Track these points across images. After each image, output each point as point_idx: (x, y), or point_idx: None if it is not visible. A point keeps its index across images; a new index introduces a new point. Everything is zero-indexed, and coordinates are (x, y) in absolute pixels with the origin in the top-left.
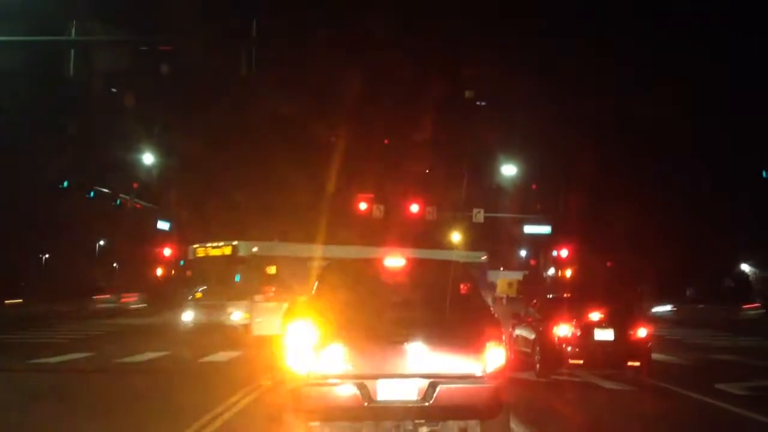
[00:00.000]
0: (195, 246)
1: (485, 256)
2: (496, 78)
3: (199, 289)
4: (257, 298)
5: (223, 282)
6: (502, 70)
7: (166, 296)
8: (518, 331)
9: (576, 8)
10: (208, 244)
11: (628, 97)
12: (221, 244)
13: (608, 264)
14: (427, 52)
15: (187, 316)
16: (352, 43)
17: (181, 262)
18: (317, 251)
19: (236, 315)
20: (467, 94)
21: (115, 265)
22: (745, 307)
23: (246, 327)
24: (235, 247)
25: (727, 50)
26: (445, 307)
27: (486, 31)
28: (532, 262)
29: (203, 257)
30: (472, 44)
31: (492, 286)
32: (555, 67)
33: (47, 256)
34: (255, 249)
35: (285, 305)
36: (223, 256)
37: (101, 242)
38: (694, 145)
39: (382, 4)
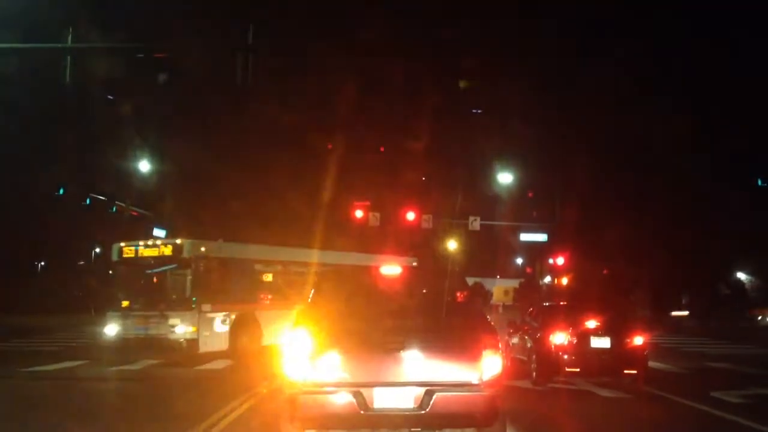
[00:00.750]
0: (121, 245)
1: (416, 263)
2: (492, 86)
3: (123, 297)
4: (205, 308)
5: (161, 288)
6: (498, 79)
7: None
8: (515, 339)
9: (572, 19)
10: (140, 243)
11: (623, 106)
12: (159, 242)
13: (604, 272)
14: (423, 60)
15: (111, 329)
16: (349, 52)
17: None
18: (277, 255)
19: (180, 328)
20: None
21: (111, 272)
22: None
23: (192, 342)
24: (177, 247)
25: (724, 59)
26: (442, 315)
27: (483, 41)
28: (528, 269)
29: (132, 258)
30: (469, 53)
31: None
32: (551, 76)
33: (42, 263)
34: (203, 249)
35: (233, 316)
36: (162, 257)
37: (97, 250)
38: (690, 154)
39: (378, 13)
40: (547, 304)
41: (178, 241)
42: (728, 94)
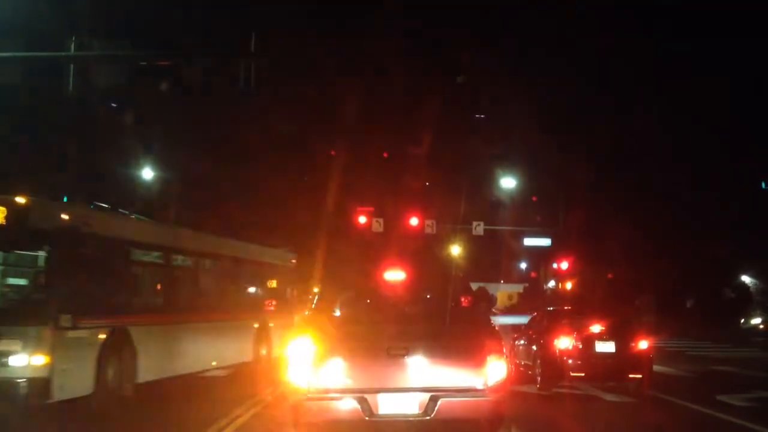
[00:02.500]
0: None
1: (295, 259)
2: (495, 92)
3: None
4: (65, 321)
5: None
6: (501, 84)
7: None
8: (519, 344)
9: (572, 24)
10: None
11: (626, 109)
12: None
13: (609, 276)
14: (425, 66)
15: None
16: (351, 58)
17: None
18: (172, 239)
19: (18, 358)
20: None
21: None
22: None
23: (40, 384)
24: (16, 210)
25: (726, 60)
26: (446, 321)
27: (486, 47)
28: (533, 274)
29: None
30: (472, 59)
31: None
32: (554, 80)
33: None
34: (66, 217)
35: (103, 336)
36: None
37: None
38: (693, 156)
39: (381, 19)
40: (551, 308)
41: (20, 199)
42: (731, 96)
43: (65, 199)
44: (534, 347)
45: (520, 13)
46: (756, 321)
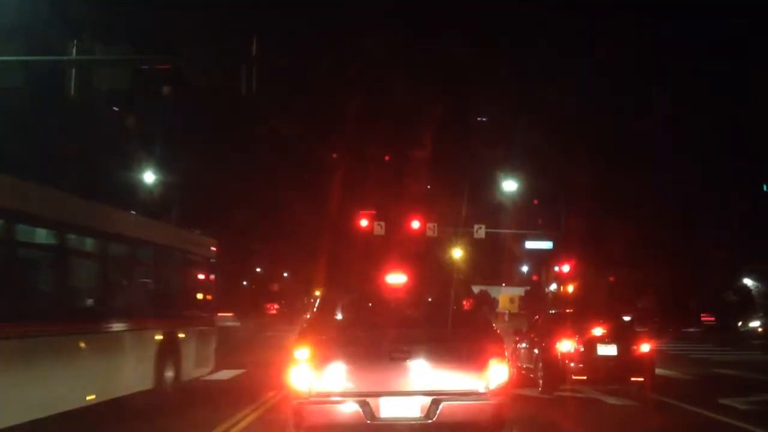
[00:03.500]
0: None
1: (215, 247)
2: (496, 94)
3: None
4: None
5: None
6: (502, 87)
7: None
8: (521, 347)
9: (573, 26)
10: None
11: (627, 112)
12: None
13: (611, 279)
14: (427, 70)
15: None
16: (352, 62)
17: None
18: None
19: None
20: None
21: None
22: None
23: None
24: None
25: (727, 62)
26: (448, 324)
27: (486, 49)
28: (534, 277)
29: None
30: (473, 62)
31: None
32: (555, 82)
33: None
34: None
35: None
36: None
37: None
38: (695, 159)
39: (382, 22)
40: (553, 311)
41: None
42: (732, 99)
43: None
44: (536, 350)
45: (520, 17)
46: (755, 324)
